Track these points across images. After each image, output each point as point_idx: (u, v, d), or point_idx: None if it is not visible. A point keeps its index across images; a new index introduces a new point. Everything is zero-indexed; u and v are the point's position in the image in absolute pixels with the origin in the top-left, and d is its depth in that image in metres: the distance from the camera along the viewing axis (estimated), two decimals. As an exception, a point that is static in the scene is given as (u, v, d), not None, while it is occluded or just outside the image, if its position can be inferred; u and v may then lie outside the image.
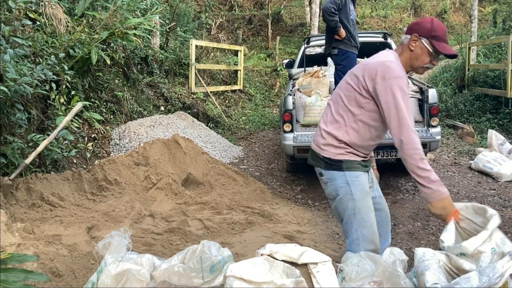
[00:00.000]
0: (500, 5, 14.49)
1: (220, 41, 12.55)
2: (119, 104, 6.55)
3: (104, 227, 3.47)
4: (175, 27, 9.73)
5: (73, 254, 2.89)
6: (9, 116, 3.93)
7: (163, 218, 3.86)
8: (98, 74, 6.10)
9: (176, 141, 4.85)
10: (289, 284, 1.94)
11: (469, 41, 10.19)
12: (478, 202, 4.76)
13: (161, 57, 8.47)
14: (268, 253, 2.14)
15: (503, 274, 1.70)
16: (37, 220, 3.37)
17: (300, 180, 5.80)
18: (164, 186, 4.38)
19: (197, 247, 2.21)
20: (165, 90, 8.07)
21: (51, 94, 4.71)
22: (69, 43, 5.12)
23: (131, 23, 5.68)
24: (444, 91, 9.08)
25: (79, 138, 5.33)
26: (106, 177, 4.17)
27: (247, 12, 17.95)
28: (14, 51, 3.81)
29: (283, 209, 4.43)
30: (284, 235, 3.62)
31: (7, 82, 3.71)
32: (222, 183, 4.81)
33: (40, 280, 2.30)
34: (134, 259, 2.25)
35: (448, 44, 2.31)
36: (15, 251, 2.64)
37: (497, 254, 1.86)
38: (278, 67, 12.27)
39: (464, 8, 18.38)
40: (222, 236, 3.59)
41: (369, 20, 17.38)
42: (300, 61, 6.87)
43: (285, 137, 5.01)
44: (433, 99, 4.84)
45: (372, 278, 2.10)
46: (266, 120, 9.42)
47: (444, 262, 2.01)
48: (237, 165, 6.54)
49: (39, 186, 3.71)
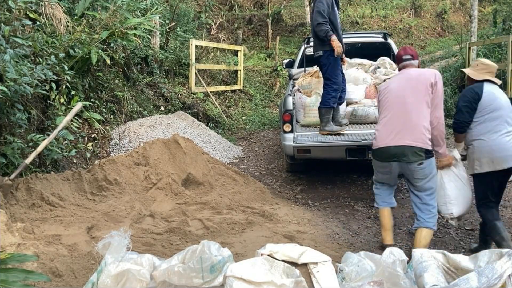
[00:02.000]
0: (500, 5, 14.46)
1: (220, 41, 12.54)
2: (119, 104, 6.55)
3: (104, 227, 3.47)
4: (175, 27, 9.73)
5: (73, 254, 2.89)
6: (9, 116, 3.93)
7: (163, 218, 3.86)
8: (98, 74, 6.10)
9: (176, 141, 4.85)
10: (289, 284, 1.94)
11: (469, 41, 10.18)
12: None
13: (161, 57, 8.47)
14: (268, 253, 2.14)
15: (502, 274, 1.71)
16: (37, 220, 3.38)
17: (300, 180, 5.80)
18: (164, 186, 4.38)
19: (197, 247, 2.21)
20: (165, 90, 8.07)
21: (51, 94, 4.71)
22: (69, 43, 5.12)
23: (131, 23, 5.68)
24: (444, 91, 9.07)
25: (79, 138, 5.33)
26: (106, 177, 4.17)
27: (247, 12, 17.94)
28: (14, 51, 3.81)
29: (283, 209, 4.43)
30: (284, 235, 3.62)
31: (7, 82, 3.71)
32: (222, 183, 4.81)
33: (40, 280, 2.30)
34: (134, 259, 2.25)
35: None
36: (15, 251, 2.65)
37: (496, 254, 1.86)
38: (278, 67, 12.26)
39: (464, 8, 18.37)
40: (222, 236, 3.59)
41: (369, 20, 17.37)
42: (300, 61, 6.86)
43: (285, 137, 5.01)
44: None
45: (372, 278, 2.11)
46: (266, 120, 9.42)
47: (442, 262, 2.02)
48: (237, 165, 6.54)
49: (39, 186, 3.71)
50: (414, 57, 3.69)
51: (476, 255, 1.93)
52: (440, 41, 17.13)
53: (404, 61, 3.69)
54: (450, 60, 12.00)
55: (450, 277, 1.97)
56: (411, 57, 3.68)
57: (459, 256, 2.03)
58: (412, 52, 3.71)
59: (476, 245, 3.75)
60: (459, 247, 3.78)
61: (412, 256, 2.10)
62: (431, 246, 3.73)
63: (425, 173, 3.43)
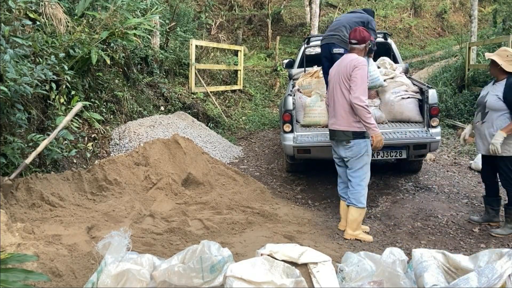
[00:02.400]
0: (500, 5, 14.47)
1: (220, 41, 12.55)
2: (119, 104, 6.55)
3: (104, 227, 3.47)
4: (175, 27, 9.73)
5: (73, 254, 2.89)
6: (9, 116, 3.93)
7: (163, 218, 3.86)
8: (98, 74, 6.10)
9: (176, 141, 4.85)
10: (289, 284, 1.94)
11: (469, 41, 10.19)
12: (478, 202, 4.77)
13: (161, 57, 8.47)
14: (268, 253, 2.14)
15: (502, 274, 1.71)
16: (37, 220, 3.37)
17: (300, 180, 5.80)
18: (164, 186, 4.38)
19: (197, 247, 2.21)
20: (165, 90, 8.07)
21: (51, 94, 4.71)
22: (69, 43, 5.12)
23: (131, 23, 5.68)
24: (444, 91, 9.08)
25: (79, 138, 5.33)
26: (106, 177, 4.17)
27: (247, 12, 17.94)
28: (14, 51, 3.81)
29: (283, 209, 4.43)
30: (284, 235, 3.62)
31: (7, 82, 3.71)
32: (222, 183, 4.81)
33: (40, 280, 2.30)
34: (134, 259, 2.25)
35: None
36: (15, 251, 2.65)
37: (496, 254, 1.86)
38: (278, 67, 12.27)
39: (464, 8, 18.38)
40: (222, 236, 3.59)
41: (369, 20, 17.35)
42: (300, 61, 6.86)
43: (285, 137, 5.01)
44: (433, 99, 4.84)
45: (372, 278, 2.11)
46: (266, 120, 9.42)
47: (442, 262, 2.02)
48: (237, 165, 6.54)
49: (39, 186, 3.71)
50: (359, 42, 3.89)
51: (476, 255, 1.92)
52: (440, 41, 17.14)
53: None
54: (450, 60, 12.00)
55: (450, 277, 1.97)
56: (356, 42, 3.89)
57: (459, 256, 2.03)
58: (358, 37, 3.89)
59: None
60: (459, 247, 3.78)
61: (412, 256, 2.10)
62: (431, 246, 3.74)
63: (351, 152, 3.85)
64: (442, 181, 5.50)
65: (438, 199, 4.88)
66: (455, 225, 4.21)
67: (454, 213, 4.48)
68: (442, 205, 4.69)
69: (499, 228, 4.02)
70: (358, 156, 3.81)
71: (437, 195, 5.02)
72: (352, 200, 3.84)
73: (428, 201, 4.82)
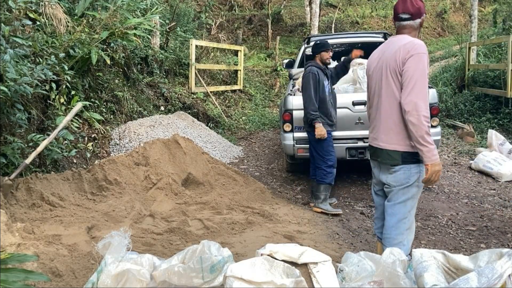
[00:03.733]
0: (500, 5, 14.48)
1: (220, 41, 12.54)
2: (119, 104, 6.55)
3: (104, 227, 3.47)
4: (175, 27, 9.73)
5: (73, 254, 2.89)
6: (9, 116, 3.93)
7: (163, 218, 3.86)
8: (98, 74, 6.10)
9: (176, 141, 4.85)
10: (289, 284, 1.94)
11: (469, 41, 10.19)
12: (478, 202, 4.77)
13: (161, 57, 8.47)
14: (268, 253, 2.14)
15: (502, 274, 1.70)
16: (37, 220, 3.37)
17: (300, 180, 5.80)
18: (164, 186, 4.38)
19: (197, 247, 2.21)
20: (165, 90, 8.07)
21: (51, 94, 4.71)
22: (69, 43, 5.11)
23: (131, 23, 5.68)
24: (444, 91, 9.08)
25: (79, 138, 5.33)
26: (106, 177, 4.17)
27: (247, 12, 17.94)
28: (14, 51, 3.81)
29: (283, 209, 4.43)
30: (284, 235, 3.62)
31: (7, 82, 3.71)
32: (222, 183, 4.81)
33: (40, 280, 2.30)
34: (134, 259, 2.25)
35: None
36: (15, 251, 2.64)
37: (496, 254, 1.86)
38: (278, 67, 12.27)
39: (464, 8, 18.38)
40: (222, 236, 3.59)
41: (369, 20, 17.37)
42: (300, 61, 6.85)
43: (285, 137, 5.00)
44: (433, 99, 4.84)
45: (372, 278, 2.11)
46: (266, 120, 9.42)
47: (442, 262, 2.01)
48: (237, 165, 6.54)
49: (39, 186, 3.71)
50: (413, 16, 2.65)
51: (476, 255, 1.92)
52: (440, 41, 17.13)
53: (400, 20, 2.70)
54: (450, 60, 12.00)
55: (450, 277, 1.96)
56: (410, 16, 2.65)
57: (459, 256, 2.02)
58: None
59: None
60: (459, 247, 3.78)
61: (412, 256, 2.10)
62: (431, 246, 3.74)
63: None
64: (442, 181, 5.50)
65: (438, 199, 4.88)
66: (455, 225, 4.21)
67: (454, 213, 4.48)
68: (442, 205, 4.69)
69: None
70: (404, 186, 2.66)
71: (437, 195, 5.02)
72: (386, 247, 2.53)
73: (428, 201, 4.82)
